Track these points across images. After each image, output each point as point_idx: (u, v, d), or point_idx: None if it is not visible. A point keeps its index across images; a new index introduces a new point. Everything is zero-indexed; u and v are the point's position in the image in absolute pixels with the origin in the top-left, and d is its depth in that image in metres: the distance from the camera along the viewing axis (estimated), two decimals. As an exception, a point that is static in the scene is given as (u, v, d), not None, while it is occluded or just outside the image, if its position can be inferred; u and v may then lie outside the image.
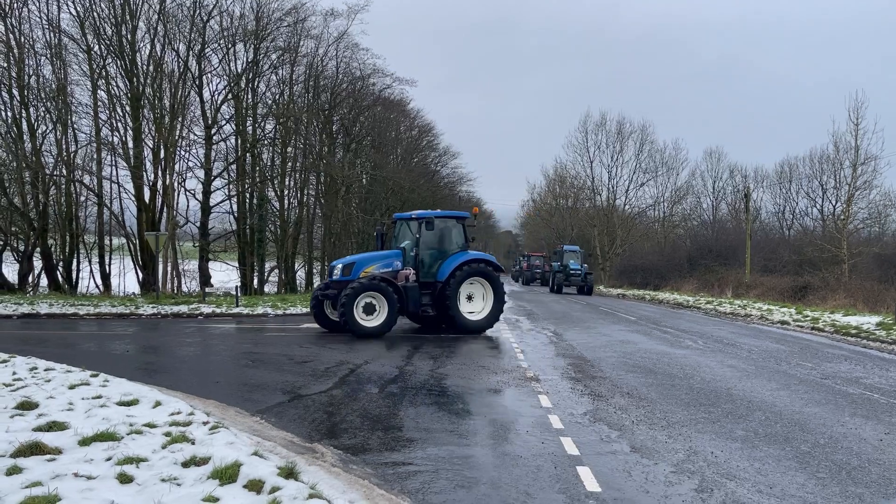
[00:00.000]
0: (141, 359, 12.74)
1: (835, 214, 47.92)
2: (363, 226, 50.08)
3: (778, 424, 7.96)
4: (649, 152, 62.41)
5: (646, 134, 62.56)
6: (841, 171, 45.72)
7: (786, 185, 59.54)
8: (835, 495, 5.60)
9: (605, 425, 7.81)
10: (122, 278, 36.09)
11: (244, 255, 38.81)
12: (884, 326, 17.98)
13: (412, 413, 8.32)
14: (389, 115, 53.96)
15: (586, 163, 64.07)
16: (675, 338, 16.96)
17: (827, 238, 42.75)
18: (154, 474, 5.43)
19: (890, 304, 23.15)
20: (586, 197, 66.58)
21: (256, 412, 8.34)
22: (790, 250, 47.32)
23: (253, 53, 37.20)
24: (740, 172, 63.98)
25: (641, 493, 5.58)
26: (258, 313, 21.94)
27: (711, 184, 65.03)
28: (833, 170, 48.35)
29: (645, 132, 62.65)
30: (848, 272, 37.74)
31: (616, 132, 62.77)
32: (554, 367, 12.03)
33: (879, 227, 48.28)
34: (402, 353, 13.38)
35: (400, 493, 5.51)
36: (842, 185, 45.61)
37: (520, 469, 6.17)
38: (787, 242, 51.86)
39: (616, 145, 62.78)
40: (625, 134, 62.66)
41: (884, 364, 13.13)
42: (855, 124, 39.29)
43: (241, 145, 38.26)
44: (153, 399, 8.04)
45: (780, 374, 11.62)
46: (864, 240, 43.28)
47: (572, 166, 67.00)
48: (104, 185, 33.47)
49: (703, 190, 65.29)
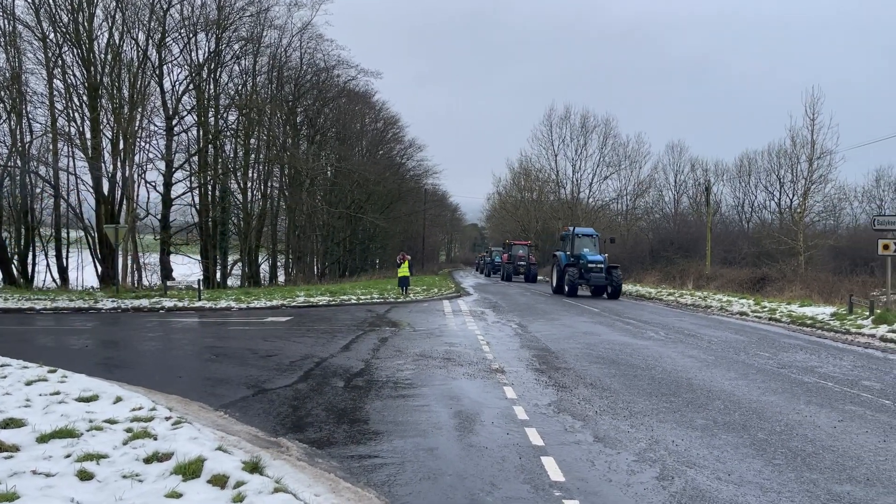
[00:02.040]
0: (101, 354, 12.50)
1: (792, 207, 49.06)
2: (328, 218, 49.78)
3: (736, 413, 8.15)
4: (613, 146, 63.17)
5: (609, 128, 63.31)
6: (798, 166, 46.79)
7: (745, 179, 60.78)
8: (790, 481, 5.77)
9: (569, 416, 7.91)
10: (80, 272, 35.27)
11: (207, 248, 38.29)
12: (838, 317, 18.49)
13: (378, 406, 8.33)
14: (354, 107, 53.66)
15: (551, 156, 64.58)
16: (637, 329, 17.22)
17: (784, 231, 43.73)
18: (115, 471, 5.35)
19: (844, 295, 23.79)
20: (551, 190, 67.11)
21: (220, 407, 8.26)
22: (749, 243, 48.38)
23: (215, 43, 36.67)
24: (701, 166, 65.11)
25: (604, 482, 5.68)
26: (221, 307, 21.68)
27: (673, 177, 66.09)
28: (790, 164, 49.48)
29: (609, 126, 63.40)
30: (804, 264, 38.69)
31: (580, 126, 63.40)
32: (519, 358, 12.13)
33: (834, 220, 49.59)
34: (368, 347, 13.36)
35: (366, 486, 5.52)
36: (798, 179, 46.70)
37: (485, 460, 6.22)
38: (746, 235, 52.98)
39: (580, 139, 63.40)
40: (589, 128, 63.32)
41: (837, 353, 13.52)
42: (811, 119, 40.22)
43: (203, 136, 37.70)
44: (114, 395, 7.90)
45: (738, 363, 11.88)
46: (819, 232, 44.37)
47: (537, 159, 67.47)
48: (61, 176, 32.72)
49: (665, 183, 66.30)
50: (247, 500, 4.79)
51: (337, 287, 32.43)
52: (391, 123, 62.74)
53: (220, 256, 40.39)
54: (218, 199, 39.76)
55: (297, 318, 18.98)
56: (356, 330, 16.23)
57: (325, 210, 48.66)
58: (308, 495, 5.14)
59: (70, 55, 31.52)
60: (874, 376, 10.80)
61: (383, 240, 64.54)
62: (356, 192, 52.99)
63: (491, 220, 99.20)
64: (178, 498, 4.87)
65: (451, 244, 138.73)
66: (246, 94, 40.14)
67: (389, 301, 25.64)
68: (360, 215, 52.74)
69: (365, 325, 17.25)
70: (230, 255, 42.10)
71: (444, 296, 29.49)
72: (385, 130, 62.45)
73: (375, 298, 25.96)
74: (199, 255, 39.12)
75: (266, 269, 46.04)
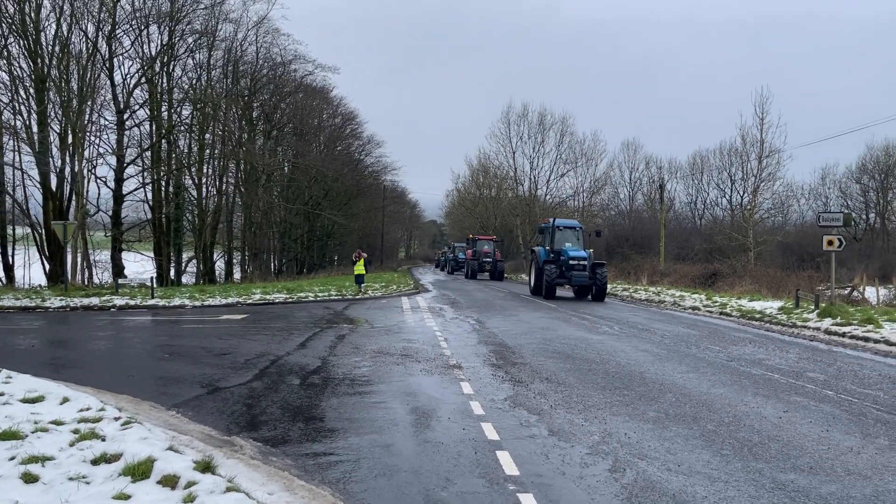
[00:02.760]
0: (48, 353, 12.17)
1: (742, 205, 50.34)
2: (285, 215, 49.25)
3: (687, 405, 8.34)
4: (569, 143, 63.71)
5: (566, 125, 63.82)
6: (748, 164, 47.97)
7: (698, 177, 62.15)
8: (737, 471, 5.92)
9: (524, 410, 7.99)
10: (26, 270, 34.17)
11: (160, 245, 37.52)
12: (785, 311, 19.03)
13: (334, 403, 8.28)
14: (312, 103, 53.16)
15: (509, 153, 64.87)
16: (592, 324, 17.46)
17: (735, 227, 44.82)
18: (61, 473, 5.22)
19: (791, 289, 24.50)
20: (509, 187, 67.43)
21: (172, 406, 8.12)
22: (701, 239, 49.49)
23: (168, 36, 35.92)
24: (656, 164, 66.36)
25: (558, 475, 5.75)
26: (175, 305, 21.29)
27: (628, 175, 67.16)
28: (741, 162, 50.74)
29: (565, 124, 63.90)
30: (754, 260, 39.72)
31: (538, 123, 63.80)
32: (476, 354, 12.19)
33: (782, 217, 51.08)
34: (325, 344, 13.27)
35: (321, 484, 5.49)
36: (748, 177, 47.88)
37: (441, 455, 6.25)
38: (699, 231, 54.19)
39: (538, 136, 63.79)
40: (546, 125, 63.75)
41: (784, 346, 13.92)
42: (760, 118, 41.23)
43: (155, 131, 36.90)
44: (61, 395, 7.71)
45: (690, 357, 12.15)
46: (768, 229, 45.63)
47: (495, 157, 67.67)
48: (6, 171, 31.57)
49: (621, 181, 67.40)
50: (198, 500, 4.72)
51: (294, 284, 32.13)
52: (349, 119, 62.37)
53: (174, 254, 39.64)
54: (172, 196, 38.99)
55: (253, 316, 18.75)
56: (313, 327, 16.11)
57: (281, 206, 48.12)
58: (261, 494, 5.09)
59: (16, 46, 30.52)
60: (818, 368, 11.15)
61: (342, 236, 64.09)
62: (314, 189, 52.53)
63: (450, 217, 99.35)
64: (126, 499, 4.77)
65: (411, 241, 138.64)
66: (200, 88, 39.41)
67: (348, 298, 25.51)
68: (318, 212, 52.30)
69: (322, 323, 17.13)
70: (185, 252, 41.33)
71: (402, 292, 29.46)
72: (343, 126, 62.01)
73: (333, 295, 25.79)
74: (153, 253, 38.31)
75: (221, 267, 45.32)
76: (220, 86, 41.85)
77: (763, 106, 42.53)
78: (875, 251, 49.44)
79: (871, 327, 15.05)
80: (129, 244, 37.10)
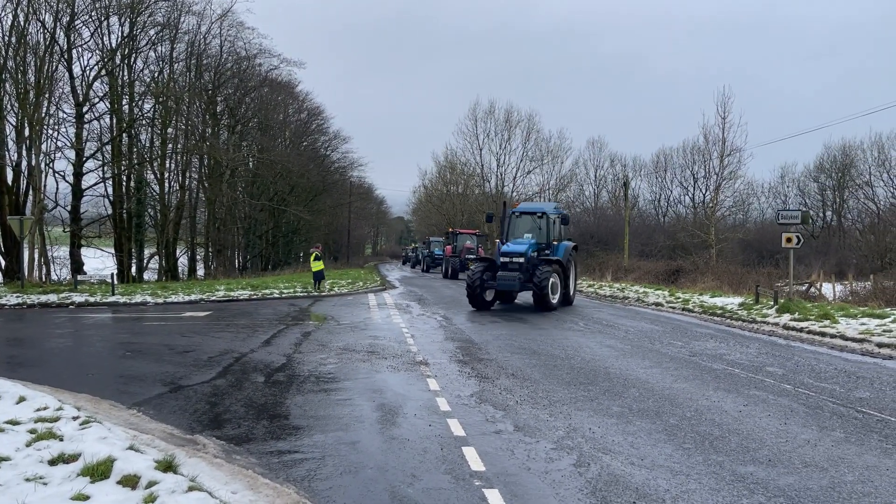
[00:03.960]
0: (3, 352, 11.85)
1: (704, 202, 51.17)
2: (250, 210, 48.67)
3: (650, 400, 8.46)
4: (536, 141, 64.03)
5: (532, 123, 64.11)
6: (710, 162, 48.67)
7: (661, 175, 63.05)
8: (698, 464, 6.03)
9: (490, 406, 8.02)
10: (-19, 266, 33.22)
11: (121, 241, 36.79)
12: (745, 307, 19.40)
13: (299, 401, 8.22)
14: (277, 97, 52.59)
15: (476, 150, 64.98)
16: (558, 320, 17.59)
17: (697, 224, 45.56)
18: (18, 474, 5.10)
19: (751, 285, 24.98)
20: (476, 184, 67.54)
21: (133, 405, 7.97)
22: (665, 236, 50.23)
23: (129, 28, 35.19)
24: (620, 162, 67.16)
25: (523, 471, 5.79)
26: (136, 302, 20.91)
27: (594, 172, 67.80)
28: (703, 160, 51.52)
29: (532, 121, 64.20)
30: (715, 256, 40.41)
31: (504, 120, 64.01)
32: (443, 350, 12.20)
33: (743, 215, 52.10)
34: (291, 341, 13.16)
35: (285, 482, 5.45)
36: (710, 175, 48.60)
37: (407, 452, 6.24)
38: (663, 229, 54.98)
39: (504, 133, 64.01)
40: (513, 122, 63.99)
41: (744, 341, 14.19)
42: (722, 118, 41.87)
43: (116, 125, 36.16)
44: (17, 394, 7.51)
45: (653, 352, 12.32)
46: (729, 226, 46.44)
47: (462, 153, 67.72)
48: (-41, 164, 30.66)
49: (586, 178, 68.06)
50: (159, 500, 4.65)
51: (259, 281, 31.78)
52: (315, 115, 61.86)
53: (136, 249, 38.92)
54: (133, 190, 38.23)
55: (217, 313, 18.50)
56: (278, 324, 15.96)
57: (246, 202, 47.55)
58: (225, 493, 5.03)
59: (-31, 36, 29.61)
60: (777, 362, 11.40)
61: (307, 233, 63.58)
62: (279, 184, 51.99)
63: (417, 213, 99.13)
64: (85, 500, 4.68)
65: (378, 237, 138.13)
66: (162, 81, 38.71)
67: (313, 295, 25.31)
68: (284, 208, 51.79)
69: (287, 320, 16.98)
70: (146, 248, 40.60)
71: (369, 289, 29.33)
72: (309, 122, 61.49)
73: (299, 292, 25.57)
74: (113, 249, 37.53)
75: (185, 263, 44.62)
76: (183, 79, 41.17)
77: (725, 105, 43.35)
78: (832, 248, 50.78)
79: (828, 323, 15.42)
80: (89, 240, 36.30)
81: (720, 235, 42.29)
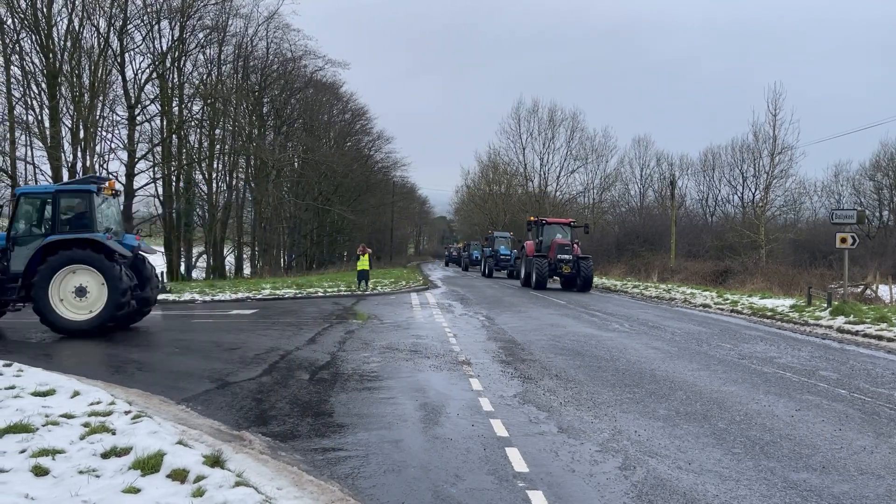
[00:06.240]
0: (58, 349, 12.23)
1: (754, 202, 50.03)
2: (295, 210, 49.34)
3: (698, 403, 8.28)
4: (580, 139, 63.52)
5: (576, 121, 63.62)
6: (760, 161, 47.73)
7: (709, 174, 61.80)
8: (748, 469, 5.87)
9: (533, 407, 7.96)
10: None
11: (170, 240, 37.70)
12: (797, 309, 18.90)
13: (343, 399, 8.28)
14: (322, 98, 53.22)
15: (519, 149, 64.77)
16: (602, 321, 17.39)
17: (746, 224, 44.55)
18: (72, 466, 5.24)
19: (803, 287, 24.32)
20: (519, 183, 67.31)
21: (182, 400, 8.13)
22: (712, 236, 49.22)
23: (179, 31, 36.04)
24: (667, 160, 66.01)
25: (567, 473, 5.72)
26: (185, 300, 21.38)
27: (639, 171, 66.85)
28: (752, 159, 50.45)
29: (576, 120, 63.70)
30: (765, 257, 39.51)
31: (548, 119, 63.66)
32: (485, 350, 12.16)
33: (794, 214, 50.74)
34: (335, 339, 13.28)
35: (329, 479, 5.48)
36: (760, 174, 47.64)
37: (450, 452, 6.23)
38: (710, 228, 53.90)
39: (548, 132, 63.66)
40: (556, 121, 63.59)
41: (796, 344, 13.82)
42: (773, 115, 41.03)
43: (166, 126, 37.04)
44: (71, 389, 7.73)
45: (700, 355, 12.07)
46: (780, 226, 45.33)
47: (505, 153, 67.57)
48: (18, 165, 31.81)
49: (631, 177, 67.12)
50: (207, 494, 4.72)
51: (303, 279, 32.19)
52: (359, 115, 62.39)
53: (185, 248, 39.82)
54: (182, 190, 39.16)
55: (263, 311, 18.79)
56: (322, 322, 16.13)
57: (291, 202, 48.25)
58: (270, 489, 5.09)
59: (28, 42, 30.72)
60: (831, 366, 11.06)
61: (351, 232, 64.18)
62: (323, 184, 52.61)
63: (459, 213, 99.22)
64: (136, 493, 4.78)
65: (420, 237, 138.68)
66: (211, 83, 39.53)
67: (357, 294, 25.52)
68: (328, 207, 52.36)
69: (331, 318, 17.15)
70: (195, 246, 41.52)
71: (411, 288, 29.46)
72: (353, 122, 62.05)
73: (343, 291, 25.81)
74: (163, 247, 38.49)
75: (231, 262, 45.52)
76: (231, 81, 41.97)
77: (776, 102, 42.28)
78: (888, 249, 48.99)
79: (885, 326, 14.91)
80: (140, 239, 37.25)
81: (770, 235, 41.31)
